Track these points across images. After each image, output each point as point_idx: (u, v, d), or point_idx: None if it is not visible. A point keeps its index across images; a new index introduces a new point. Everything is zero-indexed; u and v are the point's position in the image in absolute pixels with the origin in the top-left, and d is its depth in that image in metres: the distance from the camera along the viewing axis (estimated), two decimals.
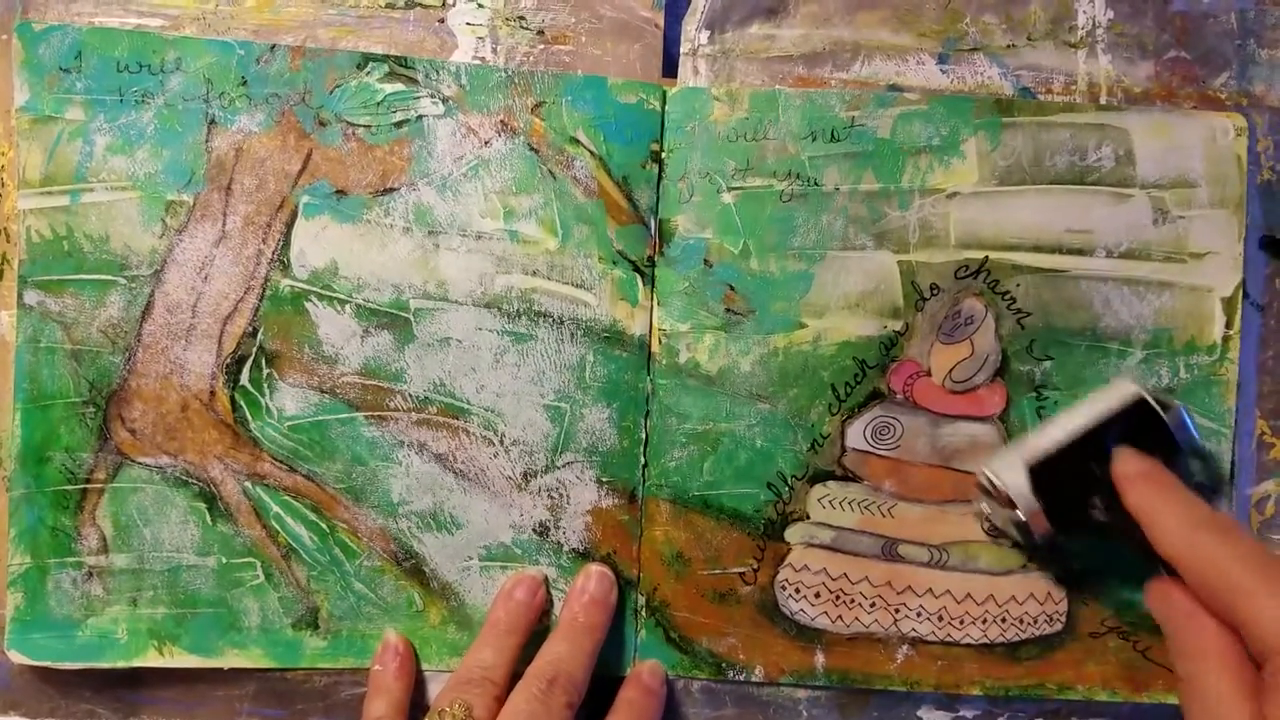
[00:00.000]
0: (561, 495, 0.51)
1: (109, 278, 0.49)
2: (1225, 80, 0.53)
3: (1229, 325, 0.52)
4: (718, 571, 0.52)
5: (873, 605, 0.52)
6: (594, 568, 0.50)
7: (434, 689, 0.52)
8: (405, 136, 0.50)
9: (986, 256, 0.52)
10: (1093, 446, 0.46)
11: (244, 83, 0.49)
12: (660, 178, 0.51)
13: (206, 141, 0.49)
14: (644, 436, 0.51)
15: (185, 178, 0.49)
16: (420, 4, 0.51)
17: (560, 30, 0.52)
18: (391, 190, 0.50)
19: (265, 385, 0.50)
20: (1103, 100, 0.53)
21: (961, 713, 0.53)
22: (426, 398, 0.50)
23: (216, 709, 0.51)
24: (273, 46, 0.49)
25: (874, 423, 0.52)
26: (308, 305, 0.50)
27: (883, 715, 0.53)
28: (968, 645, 0.52)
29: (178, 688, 0.51)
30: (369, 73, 0.50)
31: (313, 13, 0.51)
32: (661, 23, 0.52)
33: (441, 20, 0.51)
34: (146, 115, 0.49)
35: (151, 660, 0.50)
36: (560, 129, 0.50)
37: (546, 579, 0.51)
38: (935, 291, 0.52)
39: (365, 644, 0.51)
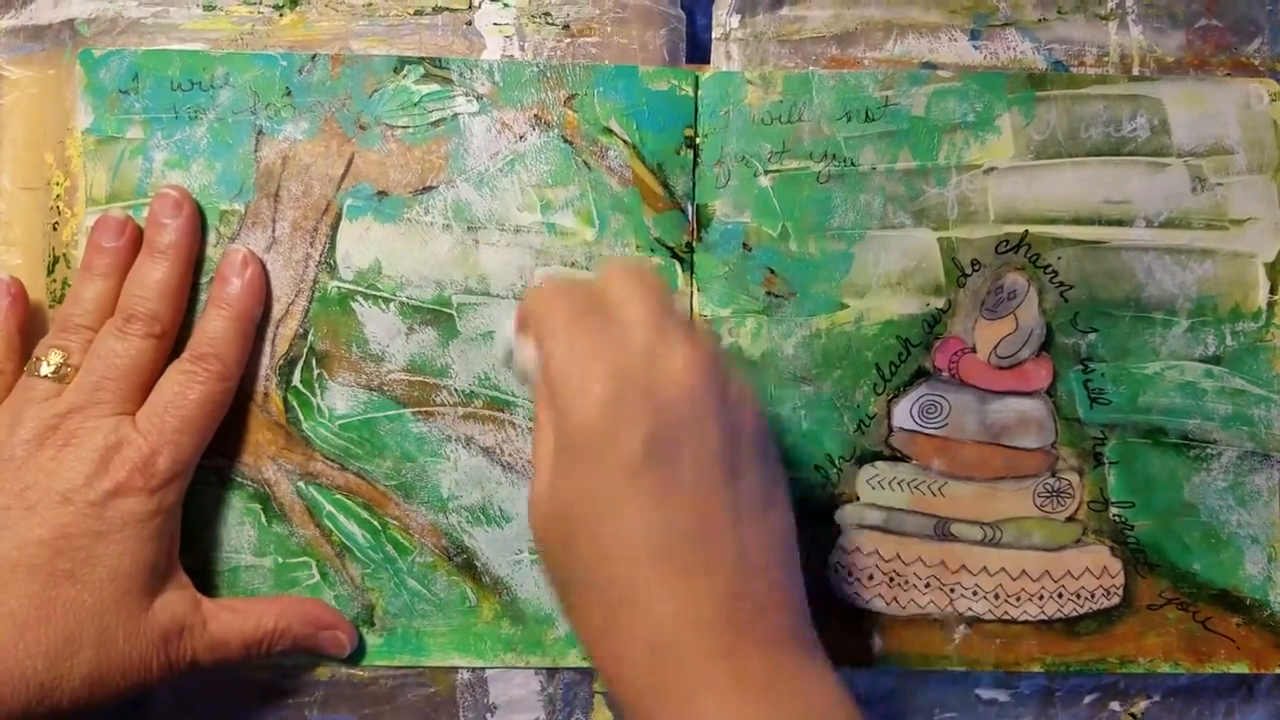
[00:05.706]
0: None
1: None
2: (1258, 46, 0.53)
3: (1273, 291, 0.52)
4: None
5: (927, 586, 0.51)
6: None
7: (494, 689, 0.52)
8: (442, 135, 0.51)
9: (1026, 230, 0.51)
10: None
11: (288, 93, 0.50)
12: (695, 163, 0.51)
13: (255, 151, 0.50)
14: None
15: (236, 187, 0.50)
16: (447, 8, 0.52)
17: (585, 23, 0.52)
18: (430, 188, 0.51)
19: (316, 385, 0.51)
20: (1135, 71, 0.53)
21: (1019, 689, 0.52)
22: (472, 392, 0.51)
23: (285, 716, 0.51)
24: (314, 56, 0.50)
25: (920, 401, 0.52)
26: (354, 305, 0.51)
27: (941, 695, 0.52)
28: (1026, 622, 0.51)
29: (245, 697, 0.51)
30: (405, 75, 0.51)
31: (344, 25, 0.52)
32: (680, 10, 0.52)
33: (469, 23, 0.52)
34: (200, 130, 0.50)
35: None
36: (593, 120, 0.51)
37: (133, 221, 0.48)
38: (976, 267, 0.52)
39: (420, 641, 0.51)
